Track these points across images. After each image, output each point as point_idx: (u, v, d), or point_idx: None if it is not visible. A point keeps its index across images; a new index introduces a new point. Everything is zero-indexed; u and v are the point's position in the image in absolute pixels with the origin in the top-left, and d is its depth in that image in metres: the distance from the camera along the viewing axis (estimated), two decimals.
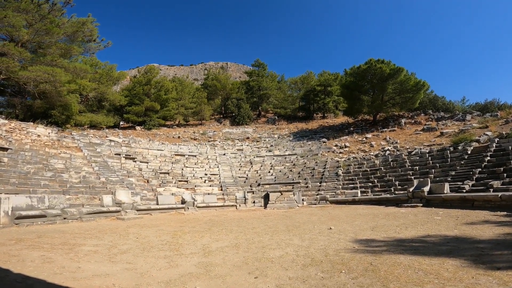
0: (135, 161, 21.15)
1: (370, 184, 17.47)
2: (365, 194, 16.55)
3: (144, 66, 41.11)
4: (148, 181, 19.00)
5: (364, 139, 25.90)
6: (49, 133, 19.99)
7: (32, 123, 19.93)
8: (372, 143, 24.29)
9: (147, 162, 21.65)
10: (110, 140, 23.27)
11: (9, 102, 24.57)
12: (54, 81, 20.72)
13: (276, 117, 41.35)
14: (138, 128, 31.57)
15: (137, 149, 23.23)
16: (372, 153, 22.11)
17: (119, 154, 21.00)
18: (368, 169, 19.18)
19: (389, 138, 24.32)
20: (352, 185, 18.08)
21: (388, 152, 21.07)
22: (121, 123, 32.82)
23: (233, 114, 41.07)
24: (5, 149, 14.85)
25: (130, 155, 21.48)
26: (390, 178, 16.96)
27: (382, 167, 18.63)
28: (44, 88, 21.04)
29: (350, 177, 19.13)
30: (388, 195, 14.82)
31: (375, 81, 27.58)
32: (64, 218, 9.42)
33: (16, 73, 20.05)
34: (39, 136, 18.91)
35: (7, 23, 19.87)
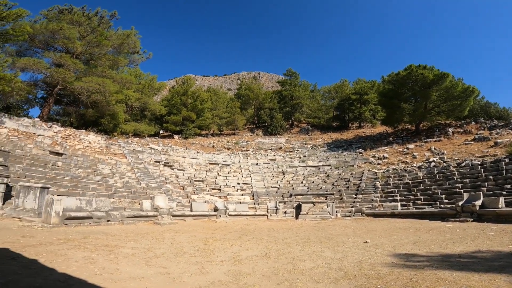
0: (172, 169, 22.14)
1: (412, 197, 16.27)
2: (405, 207, 15.42)
3: (181, 77, 43.33)
4: (183, 188, 19.72)
5: (406, 149, 24.34)
6: (98, 140, 21.78)
7: (84, 130, 21.81)
8: (414, 154, 22.74)
9: (183, 170, 22.52)
10: (151, 148, 24.69)
11: (64, 110, 26.98)
12: (104, 91, 22.15)
13: (310, 127, 40.70)
14: (176, 137, 33.14)
15: (174, 157, 24.33)
16: (414, 165, 20.68)
17: (159, 162, 22.15)
18: (410, 182, 17.91)
19: (435, 148, 22.58)
20: (391, 198, 16.99)
21: (433, 163, 19.54)
22: (160, 131, 34.73)
23: (266, 124, 41.29)
24: (60, 154, 16.48)
25: (168, 163, 22.56)
26: (436, 191, 15.64)
27: (426, 180, 17.29)
28: (96, 98, 22.53)
29: (389, 190, 18.00)
30: (432, 209, 13.66)
31: (416, 88, 25.96)
32: (108, 221, 10.08)
33: (71, 84, 21.60)
34: (90, 142, 20.68)
35: (62, 35, 21.29)
